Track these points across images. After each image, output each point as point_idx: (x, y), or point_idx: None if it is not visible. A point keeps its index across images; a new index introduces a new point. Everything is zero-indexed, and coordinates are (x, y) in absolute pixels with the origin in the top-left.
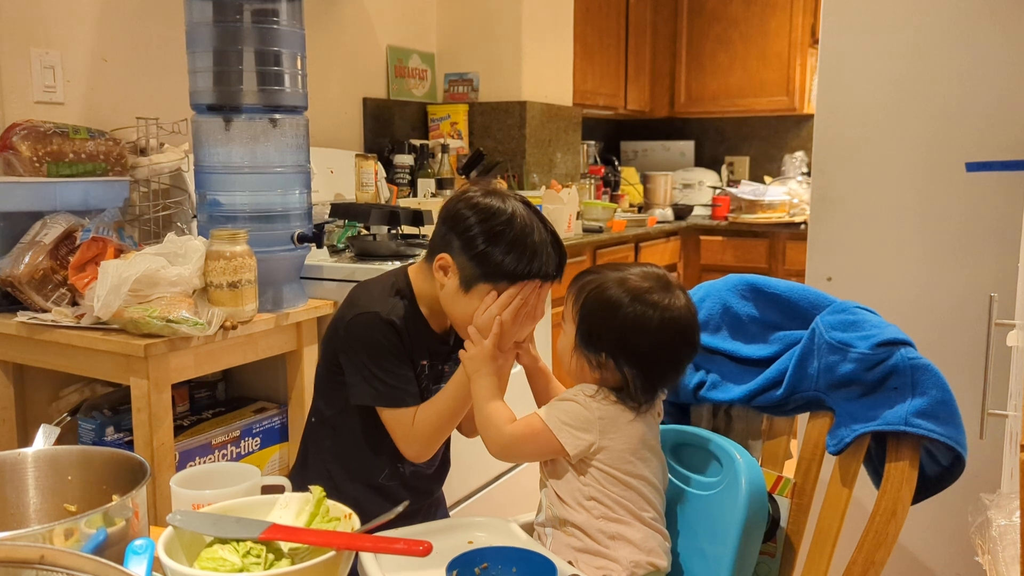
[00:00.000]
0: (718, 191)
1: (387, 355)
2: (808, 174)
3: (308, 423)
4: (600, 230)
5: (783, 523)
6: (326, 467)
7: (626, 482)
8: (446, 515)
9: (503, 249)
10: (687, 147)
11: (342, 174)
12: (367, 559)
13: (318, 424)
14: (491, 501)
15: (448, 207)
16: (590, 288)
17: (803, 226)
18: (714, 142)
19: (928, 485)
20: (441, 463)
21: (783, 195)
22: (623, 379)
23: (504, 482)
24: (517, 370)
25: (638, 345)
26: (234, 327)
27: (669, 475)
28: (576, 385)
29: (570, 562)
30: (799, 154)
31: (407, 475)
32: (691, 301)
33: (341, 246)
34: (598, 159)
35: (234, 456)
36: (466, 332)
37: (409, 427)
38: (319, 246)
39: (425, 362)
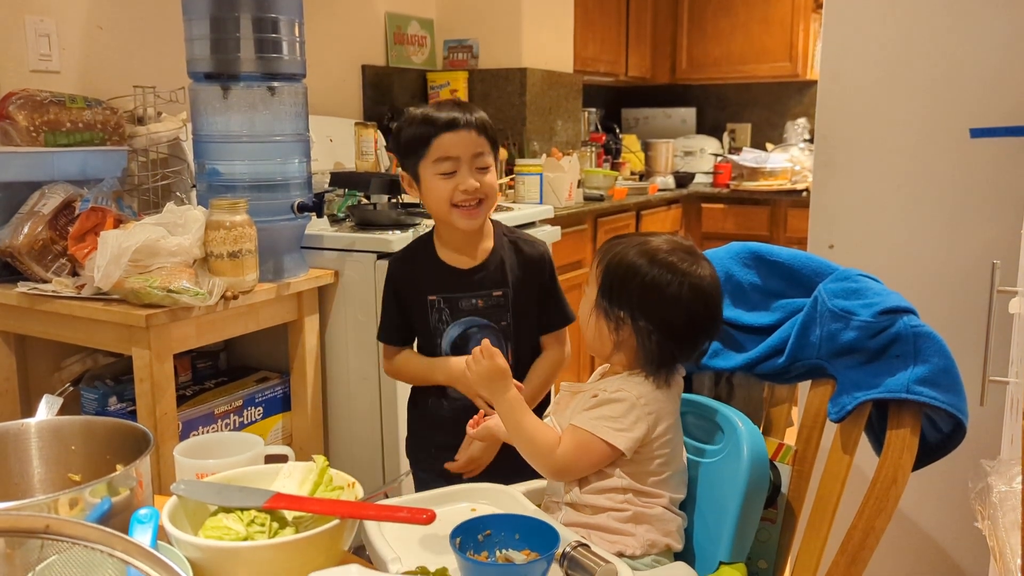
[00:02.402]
0: (720, 158)
1: (387, 292)
2: (810, 141)
3: None
4: (601, 198)
5: (784, 490)
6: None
7: (661, 471)
8: None
9: (410, 128)
10: (688, 114)
11: (341, 143)
12: (371, 528)
13: None
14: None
15: None
16: (616, 249)
17: (805, 193)
18: (716, 109)
19: (929, 452)
20: None
21: (785, 162)
22: (640, 342)
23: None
24: None
25: (657, 302)
26: (235, 297)
27: None
28: (598, 371)
29: (583, 535)
30: (801, 121)
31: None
32: (716, 275)
33: (341, 215)
34: (599, 126)
35: (237, 426)
36: (457, 223)
37: (383, 358)
38: (319, 215)
39: (435, 297)
